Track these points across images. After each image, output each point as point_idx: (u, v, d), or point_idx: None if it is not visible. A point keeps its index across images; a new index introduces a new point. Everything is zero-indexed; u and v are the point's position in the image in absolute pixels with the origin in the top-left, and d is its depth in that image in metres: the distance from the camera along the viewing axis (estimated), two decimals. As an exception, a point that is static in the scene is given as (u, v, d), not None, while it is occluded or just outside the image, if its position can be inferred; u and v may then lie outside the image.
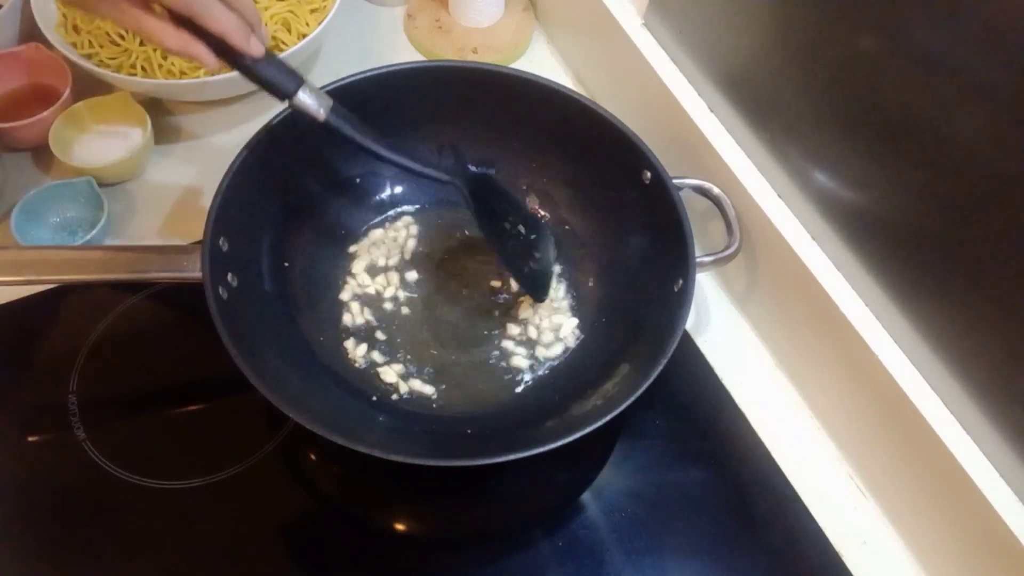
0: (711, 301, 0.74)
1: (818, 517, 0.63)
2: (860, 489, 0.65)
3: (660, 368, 0.55)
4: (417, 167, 0.64)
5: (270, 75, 0.56)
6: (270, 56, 0.56)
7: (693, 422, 0.67)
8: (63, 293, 0.69)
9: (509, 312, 0.69)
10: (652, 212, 0.65)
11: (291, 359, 0.62)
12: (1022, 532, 0.52)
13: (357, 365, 0.66)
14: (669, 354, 0.56)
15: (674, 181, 0.64)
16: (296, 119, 0.64)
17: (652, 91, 0.73)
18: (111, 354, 0.66)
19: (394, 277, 0.71)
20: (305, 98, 0.57)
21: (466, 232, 0.74)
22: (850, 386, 0.63)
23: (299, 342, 0.65)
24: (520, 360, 0.67)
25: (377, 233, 0.73)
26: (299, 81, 0.57)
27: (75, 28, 0.77)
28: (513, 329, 0.69)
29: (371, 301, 0.69)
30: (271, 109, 0.75)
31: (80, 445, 0.62)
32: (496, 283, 0.71)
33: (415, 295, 0.70)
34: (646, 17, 0.75)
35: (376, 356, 0.66)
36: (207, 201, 0.59)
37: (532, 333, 0.68)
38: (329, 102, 0.58)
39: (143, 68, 0.75)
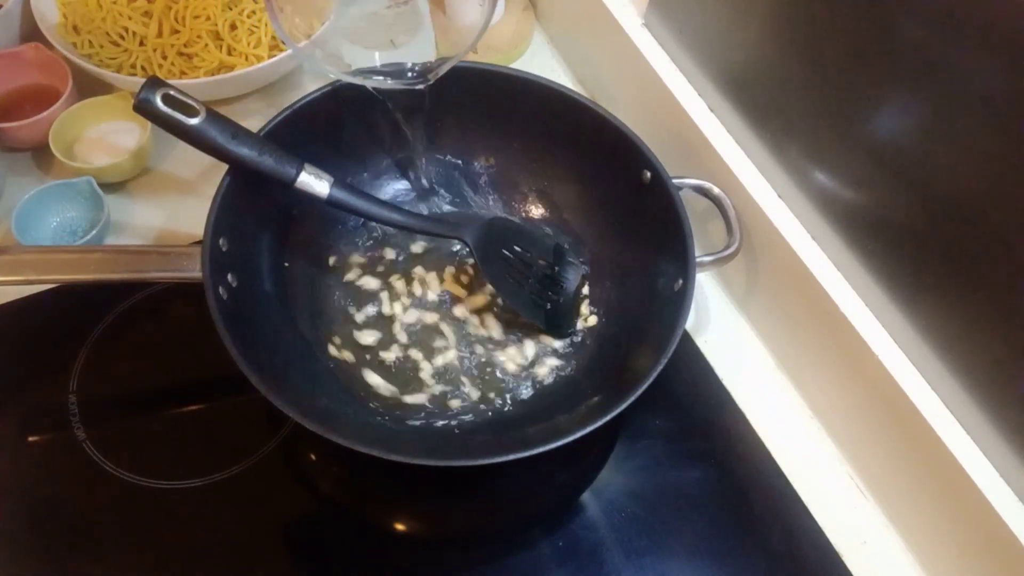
0: (711, 301, 0.74)
1: (818, 517, 0.63)
2: (860, 489, 0.65)
3: (660, 368, 0.55)
4: (419, 225, 0.65)
5: (269, 166, 0.58)
6: (267, 146, 0.58)
7: (693, 422, 0.67)
8: (63, 293, 0.69)
9: (509, 312, 0.69)
10: (652, 212, 0.65)
11: (291, 359, 0.62)
12: (1022, 532, 0.52)
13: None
14: (669, 354, 0.56)
15: (674, 181, 0.64)
16: (295, 120, 0.65)
17: (652, 91, 0.73)
18: (111, 354, 0.66)
19: (395, 277, 0.70)
20: (307, 180, 0.59)
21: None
22: (850, 386, 0.63)
23: (299, 342, 0.65)
24: (520, 360, 0.67)
25: (379, 233, 0.72)
26: (299, 166, 0.58)
27: (75, 28, 0.77)
28: (513, 329, 0.69)
29: (372, 301, 0.69)
30: (271, 109, 0.75)
31: (80, 445, 0.62)
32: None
33: (416, 295, 0.70)
34: (646, 17, 0.75)
35: (376, 356, 0.66)
36: (207, 201, 0.59)
37: (532, 333, 0.68)
38: (330, 179, 0.60)
39: (143, 68, 0.75)
